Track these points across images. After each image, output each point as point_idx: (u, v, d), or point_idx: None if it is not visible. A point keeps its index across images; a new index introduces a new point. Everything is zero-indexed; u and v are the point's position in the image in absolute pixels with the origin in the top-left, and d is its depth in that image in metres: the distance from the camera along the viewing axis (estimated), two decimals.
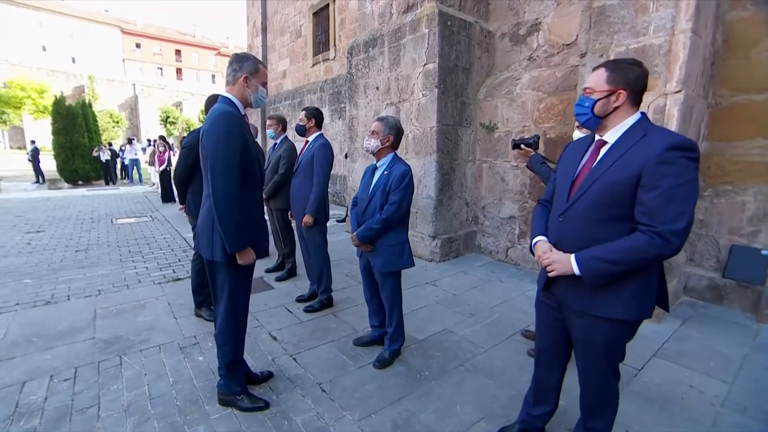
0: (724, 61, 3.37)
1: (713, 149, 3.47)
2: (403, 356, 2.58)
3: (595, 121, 1.38)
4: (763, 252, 3.20)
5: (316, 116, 3.29)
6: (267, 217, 2.65)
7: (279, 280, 3.96)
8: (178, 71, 48.94)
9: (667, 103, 2.89)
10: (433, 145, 4.56)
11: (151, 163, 11.41)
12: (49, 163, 13.71)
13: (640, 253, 1.23)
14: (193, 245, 2.60)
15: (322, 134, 3.32)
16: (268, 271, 4.20)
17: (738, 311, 3.31)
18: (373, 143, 2.38)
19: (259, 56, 12.20)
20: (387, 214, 2.30)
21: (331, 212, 4.96)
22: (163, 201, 9.21)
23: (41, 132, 24.66)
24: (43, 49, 38.60)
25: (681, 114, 2.86)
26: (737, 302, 3.34)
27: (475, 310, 3.34)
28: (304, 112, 3.28)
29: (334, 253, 3.67)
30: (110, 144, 15.05)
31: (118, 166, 14.66)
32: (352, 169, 5.97)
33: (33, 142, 14.30)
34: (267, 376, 2.30)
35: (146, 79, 43.23)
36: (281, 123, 3.84)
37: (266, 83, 2.03)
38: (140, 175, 14.20)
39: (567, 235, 1.41)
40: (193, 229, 2.54)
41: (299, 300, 3.45)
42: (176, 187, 3.15)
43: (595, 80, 1.37)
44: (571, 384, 1.69)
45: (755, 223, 3.29)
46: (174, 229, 6.42)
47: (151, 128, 34.33)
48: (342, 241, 5.41)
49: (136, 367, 2.41)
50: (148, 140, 17.83)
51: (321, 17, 9.66)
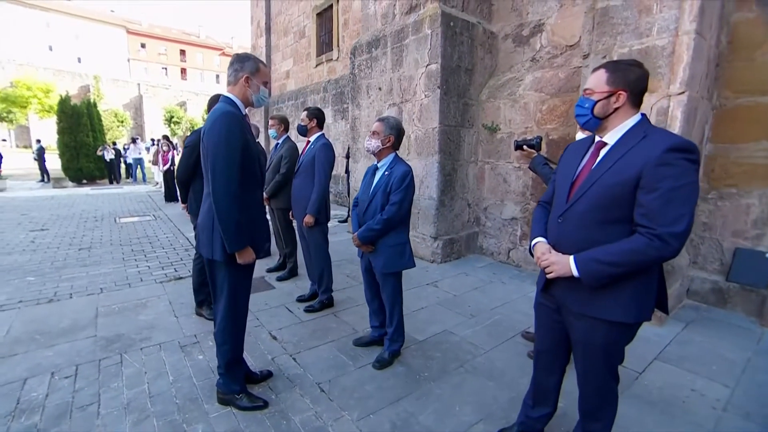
0: (729, 62, 3.35)
1: (717, 151, 3.45)
2: (403, 357, 2.58)
3: (595, 123, 1.37)
4: None
5: (317, 116, 3.29)
6: (268, 217, 2.66)
7: (280, 279, 3.96)
8: (183, 71, 49.23)
9: (671, 105, 2.88)
10: (435, 146, 4.56)
11: (155, 163, 11.47)
12: (54, 162, 13.80)
13: (638, 256, 1.22)
14: (194, 244, 2.60)
15: (323, 134, 3.33)
16: (270, 270, 4.19)
17: (741, 315, 3.28)
18: (374, 144, 2.38)
19: (263, 56, 12.24)
20: (388, 215, 2.30)
21: (333, 212, 4.98)
22: (166, 200, 9.24)
23: (47, 131, 24.81)
24: (50, 49, 38.96)
25: (684, 116, 2.84)
26: (741, 306, 3.31)
27: (475, 312, 3.33)
28: (305, 112, 3.29)
29: (335, 254, 3.67)
30: (114, 143, 15.15)
31: (122, 166, 14.74)
32: (355, 170, 5.97)
33: (38, 141, 14.39)
34: (266, 376, 2.31)
35: (151, 79, 43.51)
36: (283, 123, 3.85)
37: (267, 83, 2.03)
38: (144, 175, 14.29)
39: (566, 236, 1.41)
40: (194, 228, 2.54)
41: (300, 300, 3.46)
42: (178, 186, 3.16)
43: (595, 81, 1.36)
44: (571, 386, 1.68)
45: (760, 226, 3.26)
46: (176, 228, 6.45)
47: (155, 128, 34.47)
48: (343, 241, 5.41)
49: (137, 365, 2.42)
50: (152, 140, 17.91)
51: (324, 18, 9.69)
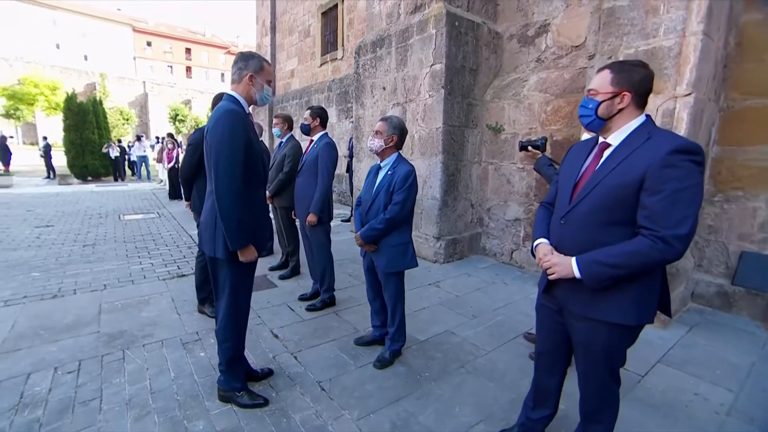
0: (737, 64, 3.32)
1: (724, 154, 3.42)
2: (404, 357, 2.58)
3: (598, 123, 1.36)
4: None
5: (320, 116, 3.29)
6: (271, 216, 2.67)
7: (282, 278, 3.97)
8: (188, 69, 49.46)
9: (677, 107, 2.85)
10: (438, 146, 4.55)
11: (159, 161, 11.54)
12: (60, 159, 13.92)
13: (641, 258, 1.21)
14: (197, 242, 2.61)
15: (326, 134, 3.33)
16: (272, 269, 4.20)
17: (747, 319, 3.24)
18: (377, 143, 2.37)
19: (268, 55, 12.27)
20: (390, 214, 2.30)
21: (336, 211, 4.98)
22: (170, 198, 9.30)
23: (53, 128, 25.03)
24: (57, 47, 39.27)
25: (691, 117, 2.82)
26: (746, 310, 3.28)
27: (477, 312, 3.32)
28: (309, 111, 3.29)
29: (337, 253, 3.67)
30: (120, 141, 15.24)
31: (126, 163, 14.84)
32: (358, 169, 5.97)
33: (45, 138, 14.53)
34: (267, 374, 2.31)
35: (156, 77, 43.79)
36: (287, 122, 3.86)
37: (271, 81, 2.03)
38: (148, 172, 14.36)
39: (568, 238, 1.40)
40: (197, 225, 2.55)
41: (302, 298, 3.46)
42: (182, 183, 3.17)
43: (600, 82, 1.35)
44: (572, 388, 1.67)
45: (766, 229, 3.22)
46: (180, 226, 6.48)
47: (160, 126, 34.70)
48: (346, 240, 5.41)
49: (139, 362, 2.44)
50: (157, 137, 18.02)
51: (329, 17, 9.69)
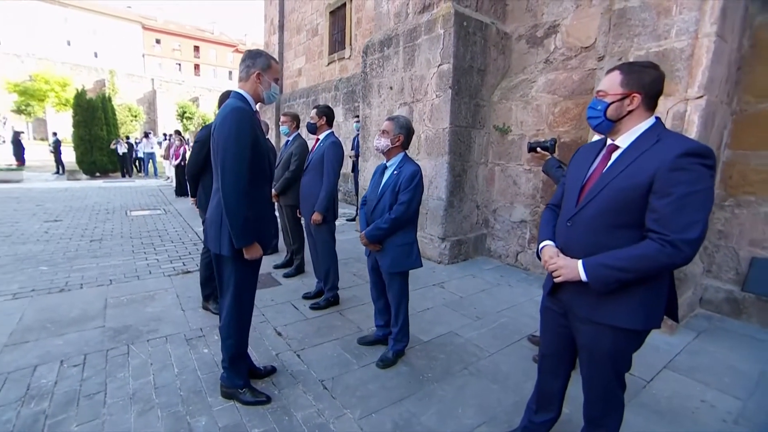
0: (751, 66, 3.26)
1: (736, 158, 3.36)
2: (407, 357, 2.57)
3: (607, 125, 1.34)
4: None
5: (327, 114, 3.30)
6: (277, 214, 2.68)
7: (287, 276, 3.98)
8: (196, 67, 49.82)
9: (688, 109, 2.81)
10: (445, 147, 4.53)
11: (167, 157, 11.62)
12: (69, 155, 14.07)
13: (649, 262, 1.19)
14: (202, 239, 2.63)
15: (332, 132, 3.33)
16: (277, 267, 4.21)
17: (757, 326, 3.19)
18: (383, 142, 2.37)
19: (276, 54, 12.32)
20: (396, 214, 2.29)
21: (341, 211, 4.98)
22: (177, 195, 9.36)
23: (63, 124, 25.35)
24: (68, 43, 39.78)
25: (702, 120, 2.78)
26: (756, 317, 3.23)
27: (481, 314, 3.30)
28: (315, 110, 3.30)
29: (342, 252, 3.67)
30: (128, 137, 15.37)
31: (135, 161, 14.96)
32: (364, 168, 5.97)
33: (55, 134, 14.69)
34: (270, 371, 2.31)
35: (165, 74, 44.16)
36: (295, 120, 3.86)
37: (278, 79, 2.04)
38: (155, 169, 14.47)
39: (574, 240, 1.38)
40: (203, 222, 2.56)
41: (306, 297, 3.47)
42: (188, 180, 3.19)
43: (609, 83, 1.33)
44: (576, 392, 1.66)
45: None
46: (186, 222, 6.52)
47: (168, 123, 34.97)
48: (351, 239, 5.41)
49: (143, 357, 2.45)
50: (164, 134, 18.15)
51: (338, 16, 9.70)
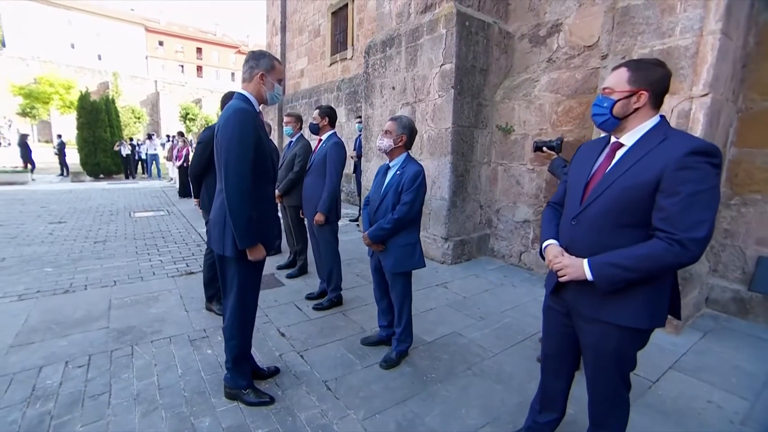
0: (757, 64, 3.23)
1: (742, 156, 3.33)
2: (410, 357, 2.56)
3: (613, 123, 1.33)
4: None
5: (329, 115, 3.29)
6: (280, 215, 2.67)
7: (290, 277, 3.98)
8: (199, 69, 50.01)
9: (693, 107, 2.79)
10: (448, 147, 4.52)
11: (170, 159, 11.66)
12: (73, 157, 14.16)
13: (656, 261, 1.18)
14: (206, 240, 2.63)
15: (335, 133, 3.33)
16: (280, 267, 4.21)
17: (763, 326, 3.16)
18: (386, 143, 2.36)
19: (278, 55, 12.33)
20: (399, 214, 2.29)
21: (344, 211, 4.98)
22: (180, 196, 9.38)
23: (67, 126, 25.49)
24: (72, 46, 40.02)
25: (707, 119, 2.75)
26: (763, 317, 3.19)
27: (485, 314, 3.29)
28: (317, 110, 3.30)
29: (345, 252, 3.67)
30: (131, 139, 15.45)
31: (139, 162, 15.03)
32: (366, 169, 5.97)
33: (59, 136, 14.79)
34: (273, 372, 2.31)
35: (168, 76, 44.32)
36: (299, 121, 3.88)
37: (282, 80, 2.03)
38: (159, 170, 14.53)
39: (579, 239, 1.37)
40: (206, 223, 2.57)
41: (309, 297, 3.47)
42: (191, 181, 3.19)
43: (616, 80, 1.31)
44: (580, 392, 1.65)
45: None
46: (189, 223, 6.54)
47: (171, 124, 35.12)
48: (354, 240, 5.41)
49: (147, 358, 2.46)
50: (168, 136, 18.22)
51: (339, 17, 9.71)
